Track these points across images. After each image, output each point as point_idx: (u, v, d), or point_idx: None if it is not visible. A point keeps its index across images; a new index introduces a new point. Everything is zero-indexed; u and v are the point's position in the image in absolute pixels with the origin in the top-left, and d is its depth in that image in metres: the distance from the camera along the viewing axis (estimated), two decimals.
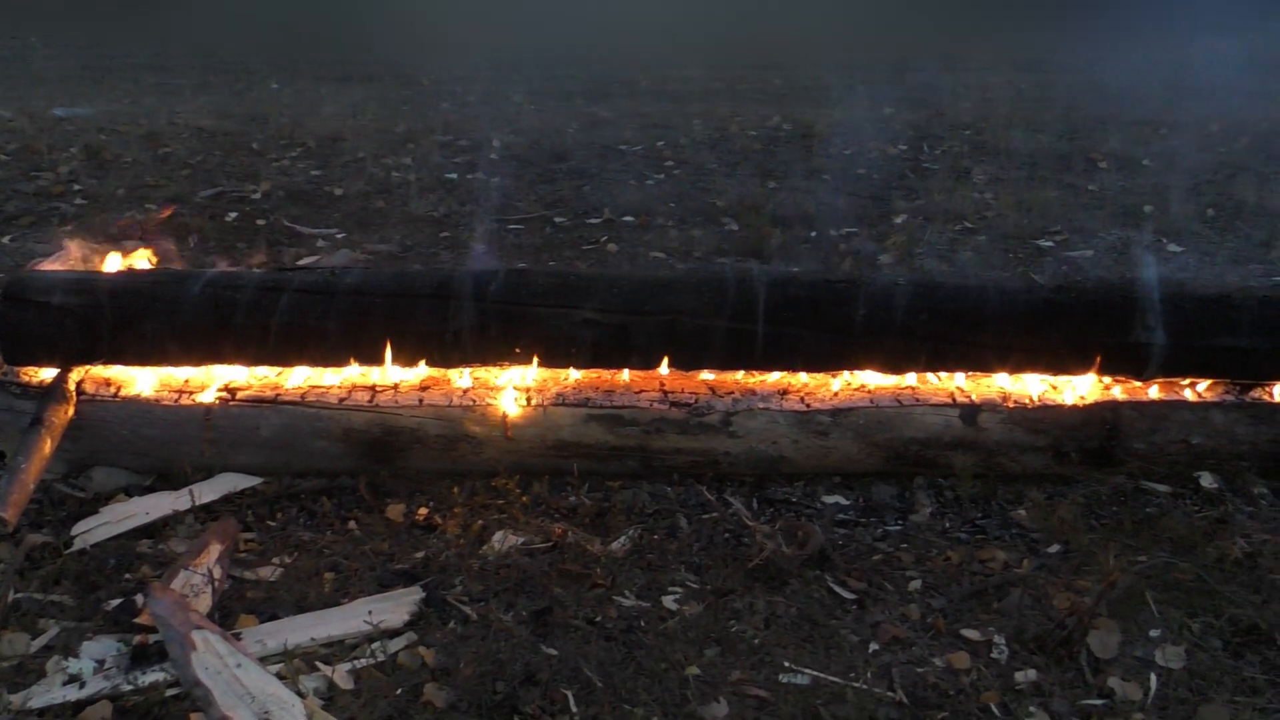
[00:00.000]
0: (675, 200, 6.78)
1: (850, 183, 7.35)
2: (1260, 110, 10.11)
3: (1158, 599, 2.68)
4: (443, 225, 6.22)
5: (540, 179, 7.41)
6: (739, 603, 2.69)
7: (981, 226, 6.25)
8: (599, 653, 2.50)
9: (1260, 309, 3.15)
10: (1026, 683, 2.43)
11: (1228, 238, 6.07)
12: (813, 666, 2.47)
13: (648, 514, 3.07)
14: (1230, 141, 8.77)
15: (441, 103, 10.77)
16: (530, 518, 3.02)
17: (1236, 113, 9.82)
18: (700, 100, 11.28)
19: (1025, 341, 3.18)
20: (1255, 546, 2.88)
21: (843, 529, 3.03)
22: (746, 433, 3.15)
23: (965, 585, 2.78)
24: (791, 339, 3.16)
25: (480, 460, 3.16)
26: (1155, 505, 3.12)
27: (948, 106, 10.84)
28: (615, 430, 3.14)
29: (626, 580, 2.77)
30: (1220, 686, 2.42)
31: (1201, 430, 3.18)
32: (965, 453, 3.17)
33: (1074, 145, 8.67)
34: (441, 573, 2.78)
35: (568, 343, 3.15)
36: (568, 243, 5.88)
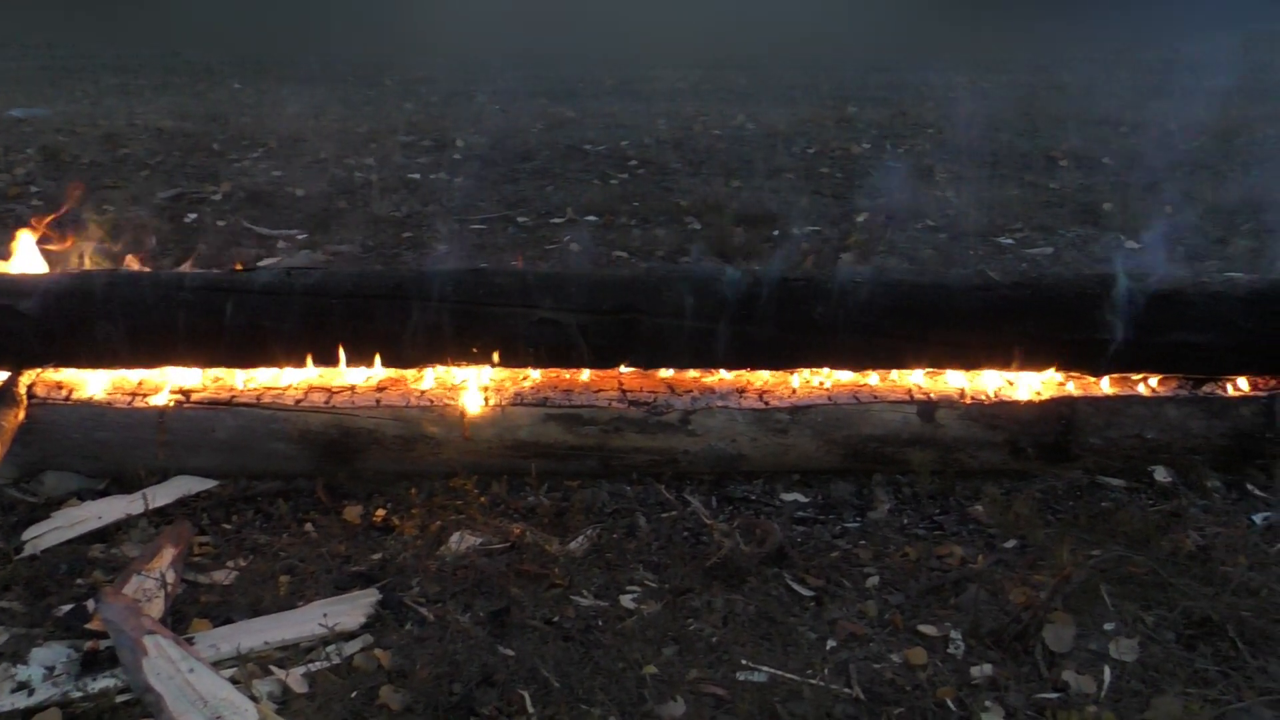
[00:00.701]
0: (639, 199, 6.79)
1: (813, 181, 7.38)
2: (1218, 109, 10.22)
3: (1112, 592, 2.70)
4: (405, 226, 6.19)
5: (504, 179, 7.40)
6: (697, 601, 2.68)
7: (943, 224, 6.28)
8: (556, 653, 2.49)
9: (1212, 304, 3.18)
10: (982, 677, 2.44)
11: (1186, 234, 6.12)
12: (770, 664, 2.47)
13: (607, 513, 3.06)
14: (1188, 139, 8.86)
15: (405, 103, 10.73)
16: (489, 518, 3.01)
17: (1195, 112, 9.93)
18: (665, 100, 11.30)
19: (982, 338, 3.20)
20: (1208, 539, 2.90)
21: (801, 526, 3.03)
22: (705, 431, 3.15)
23: (923, 581, 2.78)
24: (750, 337, 3.16)
25: (438, 461, 3.14)
26: (1110, 499, 3.15)
27: (912, 105, 10.90)
28: (574, 430, 3.13)
29: (585, 580, 2.76)
30: (1173, 678, 2.44)
31: (1156, 425, 3.21)
32: (923, 449, 3.19)
33: (1035, 144, 8.74)
34: (398, 574, 2.76)
35: (525, 342, 3.14)
36: (530, 242, 5.87)
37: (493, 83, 12.32)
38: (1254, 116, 9.79)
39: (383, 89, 11.81)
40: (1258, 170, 7.47)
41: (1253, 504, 3.13)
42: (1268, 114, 9.78)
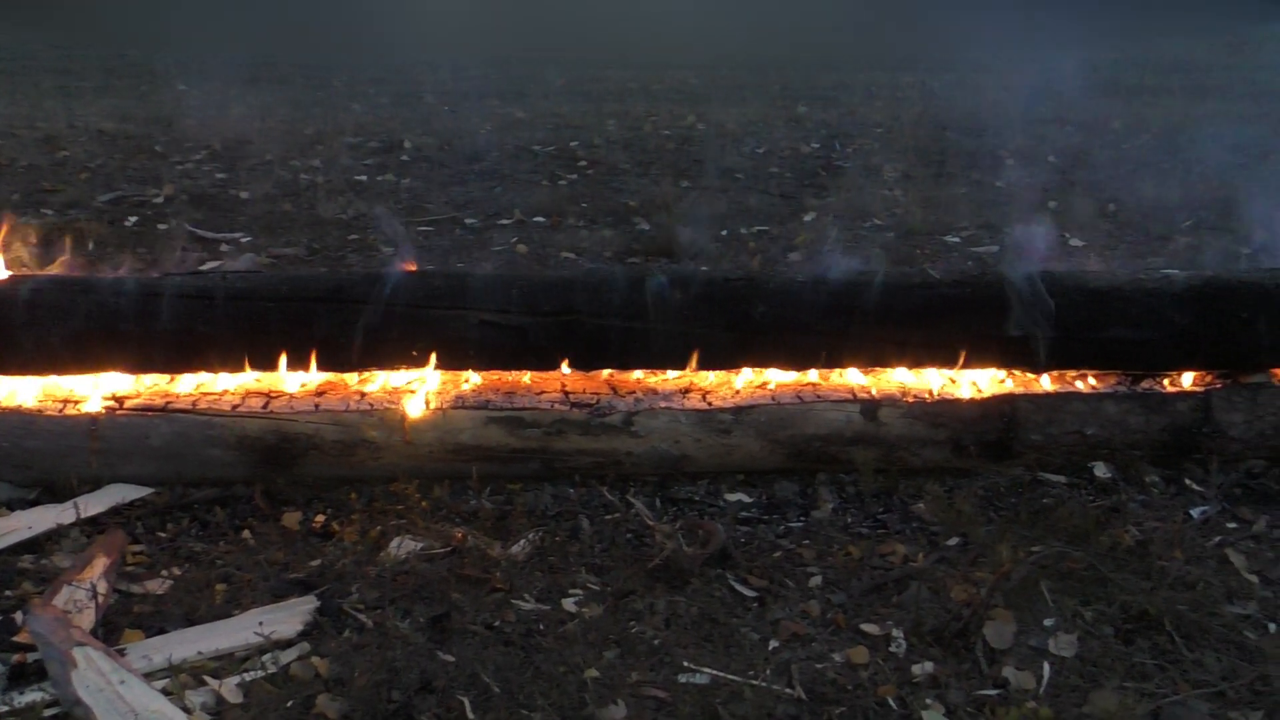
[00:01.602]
0: (587, 200, 6.77)
1: (762, 181, 7.39)
2: (1161, 108, 10.37)
3: (1052, 588, 2.72)
4: (351, 228, 6.13)
5: (452, 180, 7.35)
6: (639, 603, 2.67)
7: (890, 223, 6.31)
8: (497, 658, 2.47)
9: (1149, 300, 3.21)
10: (923, 675, 2.44)
11: (1128, 231, 6.20)
12: (712, 665, 2.46)
13: (550, 516, 3.04)
14: (1132, 138, 8.98)
15: (353, 104, 10.65)
16: (430, 523, 2.97)
17: (1140, 110, 10.07)
18: (616, 100, 11.28)
19: (923, 336, 3.21)
20: (1146, 534, 2.93)
21: (745, 527, 3.03)
22: (649, 432, 3.14)
23: (865, 580, 2.79)
24: (692, 337, 3.16)
25: (379, 465, 3.11)
26: (1052, 496, 3.16)
27: (861, 105, 10.96)
28: (516, 432, 3.11)
29: (526, 584, 2.74)
30: (1111, 672, 2.45)
31: (1095, 421, 3.24)
32: (866, 448, 3.19)
33: (982, 142, 8.80)
34: (338, 581, 2.72)
35: (465, 345, 3.12)
36: (477, 244, 5.83)
37: (443, 84, 12.25)
38: (1197, 115, 9.93)
39: (331, 90, 11.71)
40: (1199, 168, 7.57)
41: (1190, 498, 3.16)
42: (1210, 112, 9.92)
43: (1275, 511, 3.10)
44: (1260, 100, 10.68)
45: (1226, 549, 2.91)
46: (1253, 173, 7.09)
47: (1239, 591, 2.74)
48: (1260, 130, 8.89)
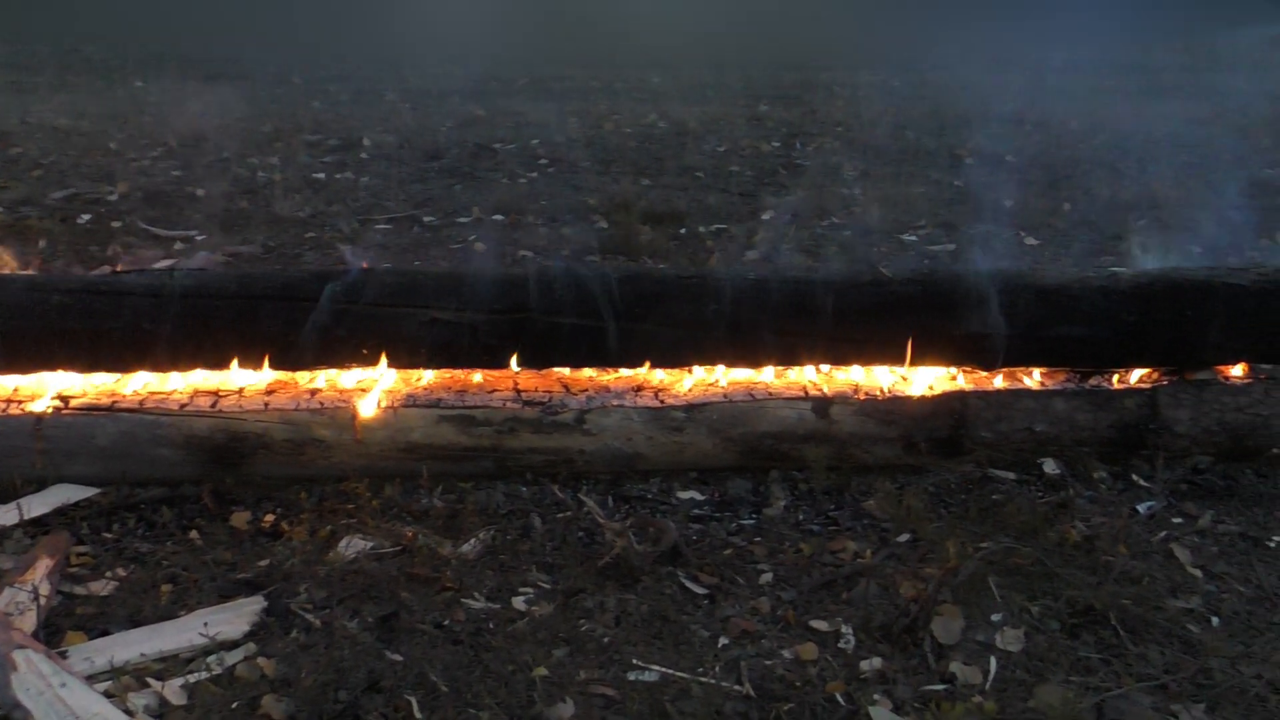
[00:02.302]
0: (547, 198, 6.75)
1: (722, 179, 7.40)
2: (1119, 108, 10.47)
3: (1000, 584, 2.74)
4: (308, 226, 6.08)
5: (411, 178, 7.31)
6: (590, 601, 2.67)
7: (849, 222, 6.33)
8: (445, 657, 2.46)
9: (1097, 298, 3.24)
10: (871, 671, 2.45)
11: (1083, 230, 6.25)
12: (662, 663, 2.47)
13: (501, 515, 3.03)
14: (1088, 137, 9.06)
15: (313, 101, 10.56)
16: (381, 522, 2.96)
17: (1097, 110, 10.15)
18: (578, 98, 11.26)
19: (875, 334, 3.23)
20: (1093, 529, 2.96)
21: (697, 524, 3.03)
22: (601, 430, 3.13)
23: (816, 577, 2.80)
24: (645, 335, 3.16)
25: (330, 464, 3.09)
26: (1001, 492, 3.19)
27: (822, 104, 11.00)
28: (468, 431, 3.10)
29: (477, 582, 2.73)
30: (1056, 667, 2.48)
31: (1044, 418, 3.26)
32: (818, 445, 3.20)
33: (941, 142, 8.85)
34: (286, 581, 2.71)
35: (417, 343, 3.10)
36: (435, 242, 5.81)
37: (404, 81, 12.19)
38: (1151, 115, 10.02)
39: (291, 87, 11.61)
40: (1153, 167, 7.65)
41: (1137, 494, 3.20)
42: (1165, 113, 10.02)
43: (1220, 506, 3.14)
44: (1213, 100, 10.81)
45: (1172, 544, 2.95)
46: (1202, 172, 7.18)
47: (1183, 586, 2.78)
48: (1211, 130, 9.00)
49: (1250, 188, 6.95)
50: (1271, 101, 10.56)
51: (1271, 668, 2.46)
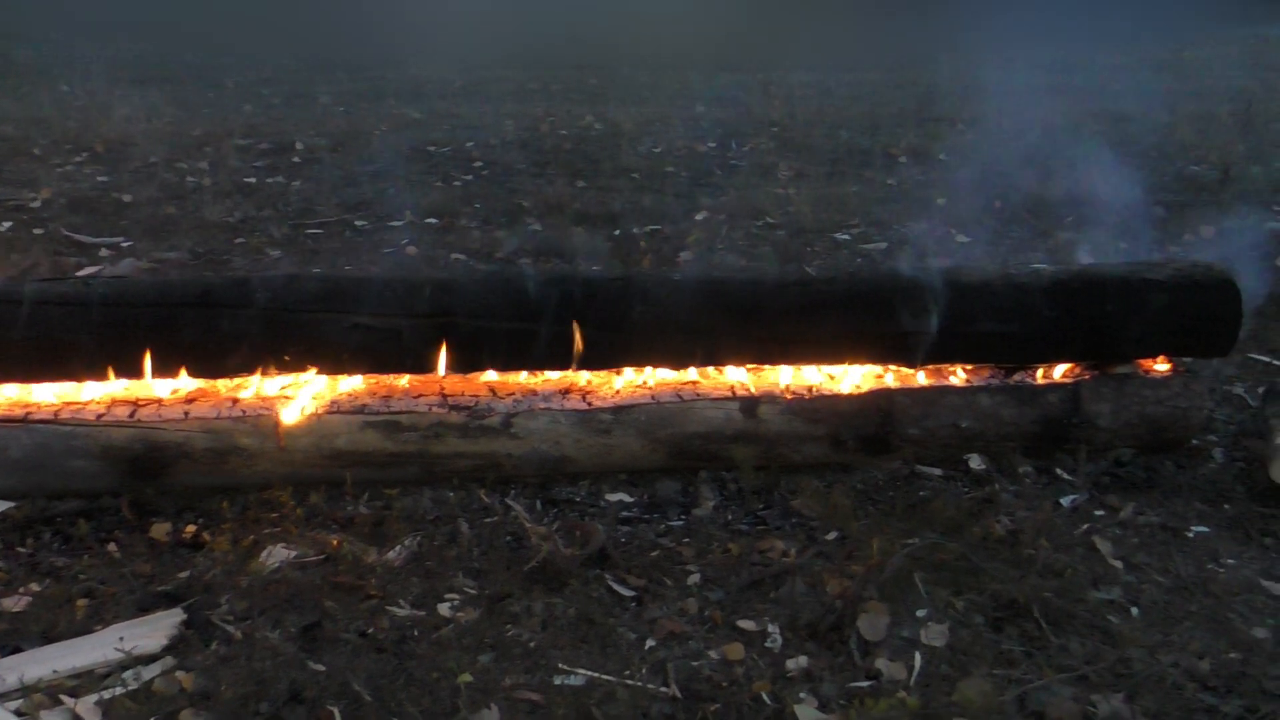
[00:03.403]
0: (481, 201, 6.72)
1: (657, 180, 7.40)
2: (1050, 106, 10.59)
3: (926, 579, 2.76)
4: (238, 231, 6.00)
5: (344, 182, 7.23)
6: (516, 606, 2.65)
7: (782, 222, 6.36)
8: (369, 665, 2.43)
9: (1019, 294, 3.28)
10: (798, 669, 2.46)
11: (1013, 227, 6.33)
12: (588, 666, 2.46)
13: (428, 521, 3.01)
14: (1020, 136, 9.16)
15: (245, 105, 10.43)
16: (305, 530, 2.92)
17: (1028, 109, 10.27)
18: (515, 100, 11.22)
19: (801, 333, 3.24)
20: (1017, 524, 2.99)
21: (626, 526, 3.02)
22: (528, 434, 3.12)
23: (744, 576, 2.80)
24: (571, 337, 3.14)
25: (253, 473, 3.04)
26: (928, 488, 3.22)
27: (758, 104, 11.04)
28: (394, 436, 3.07)
29: (402, 589, 2.70)
30: (980, 660, 2.50)
31: (970, 414, 3.29)
32: (747, 445, 3.21)
33: (875, 141, 8.92)
34: (206, 592, 2.66)
35: (340, 349, 3.06)
36: (367, 246, 5.75)
37: (338, 84, 12.08)
38: (1083, 114, 10.17)
39: (222, 91, 11.46)
40: (1082, 165, 7.76)
41: (1061, 488, 3.24)
42: (1094, 112, 10.17)
43: (1141, 498, 3.19)
44: (1141, 99, 10.99)
45: (1094, 536, 2.99)
46: (1130, 169, 7.30)
47: (1104, 577, 2.81)
48: (1139, 128, 9.15)
49: (1175, 184, 7.09)
50: (1199, 100, 10.75)
51: (1188, 656, 2.50)
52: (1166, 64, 14.39)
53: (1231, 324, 3.32)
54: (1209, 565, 2.88)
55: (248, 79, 12.30)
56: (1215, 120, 9.61)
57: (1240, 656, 2.51)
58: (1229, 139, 8.58)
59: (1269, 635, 2.58)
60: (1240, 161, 7.87)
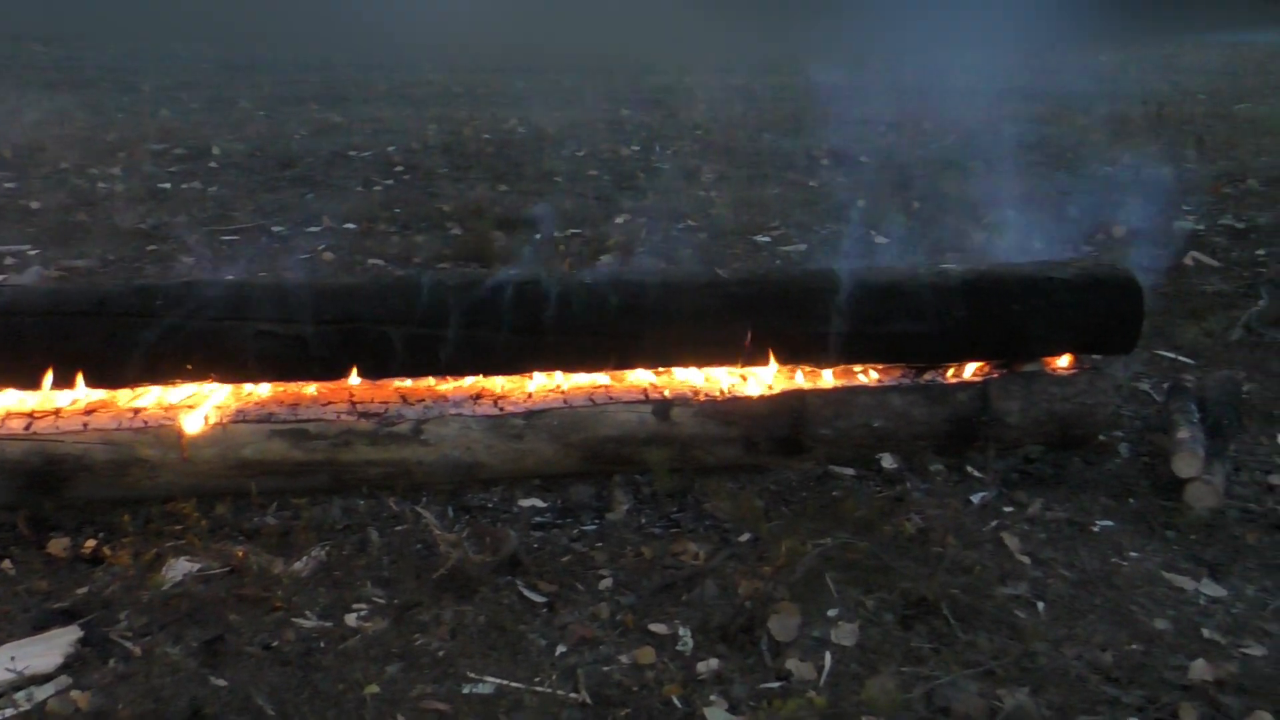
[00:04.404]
0: (401, 206, 6.65)
1: (580, 184, 7.39)
2: (970, 109, 10.75)
3: (837, 579, 2.77)
4: (151, 238, 5.88)
5: (262, 187, 7.14)
6: (425, 615, 2.62)
7: (704, 224, 6.38)
8: (273, 679, 2.39)
9: (928, 294, 3.31)
10: (709, 672, 2.46)
11: (931, 228, 6.40)
12: (498, 674, 2.44)
13: (337, 530, 2.96)
14: (940, 138, 9.29)
15: (161, 109, 10.23)
16: (210, 542, 2.86)
17: (948, 111, 10.42)
18: (438, 104, 11.14)
19: (713, 335, 3.24)
20: (928, 521, 3.01)
21: (539, 532, 3.00)
22: (439, 440, 3.08)
23: (656, 580, 2.79)
24: (481, 342, 3.11)
25: (156, 485, 2.98)
26: (841, 488, 3.23)
27: (682, 107, 11.07)
28: (301, 445, 3.02)
29: (309, 601, 2.66)
30: (889, 658, 2.51)
31: (882, 413, 3.32)
32: (660, 448, 3.20)
33: (799, 143, 8.98)
34: (105, 608, 2.60)
35: (244, 357, 3.01)
36: (283, 252, 5.66)
37: (258, 88, 11.91)
38: (1000, 116, 10.33)
39: (138, 95, 11.24)
40: (1000, 166, 7.88)
41: (971, 485, 3.27)
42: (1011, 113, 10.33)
43: (1049, 494, 3.23)
44: (1058, 102, 11.20)
45: (1003, 532, 3.02)
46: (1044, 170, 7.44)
47: (1012, 573, 2.85)
48: (1055, 130, 9.32)
49: (1089, 184, 7.23)
50: (1112, 102, 10.97)
51: (1092, 649, 2.54)
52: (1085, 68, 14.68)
53: (1134, 322, 3.39)
54: (1113, 559, 2.92)
55: (165, 83, 12.08)
56: (1128, 122, 9.82)
57: (1142, 648, 2.55)
58: (1141, 140, 8.76)
59: (1169, 626, 2.63)
60: (1152, 162, 8.04)
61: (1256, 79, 14.56)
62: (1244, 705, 2.35)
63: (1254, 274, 5.48)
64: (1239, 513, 3.15)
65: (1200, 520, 3.08)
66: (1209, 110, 11.25)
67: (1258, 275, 5.45)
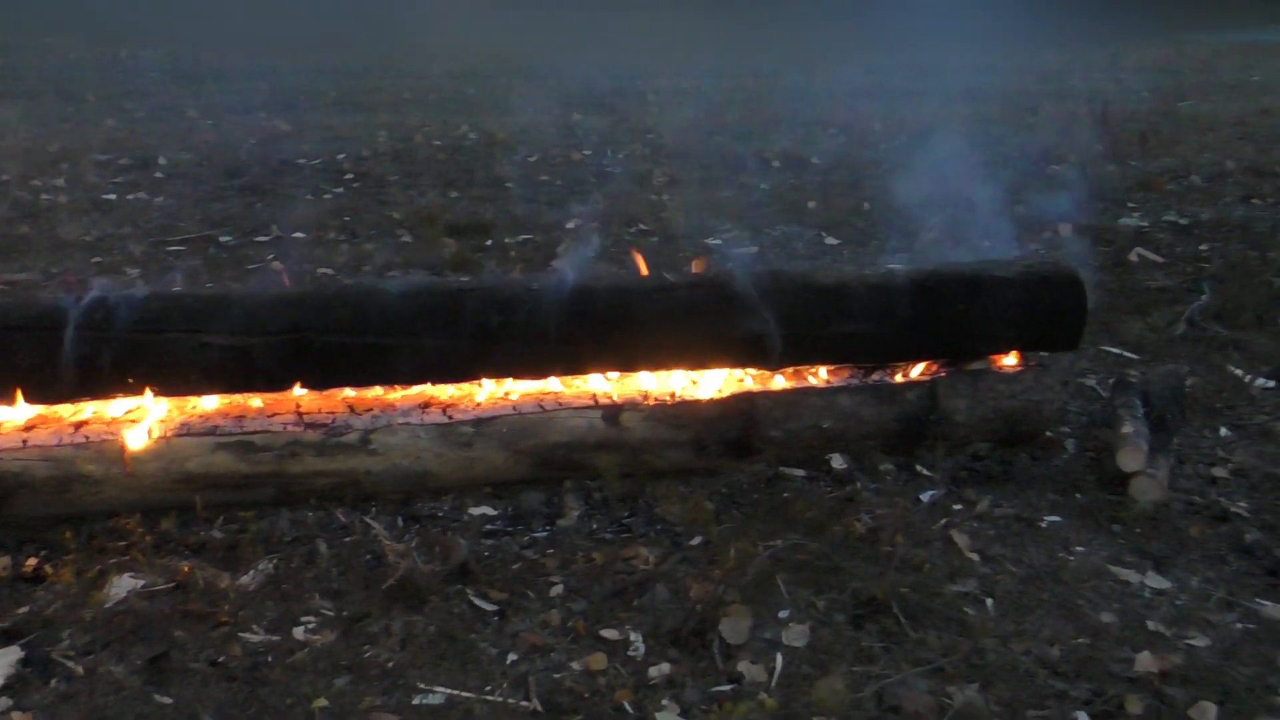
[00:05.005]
0: (350, 214, 6.61)
1: (532, 189, 7.37)
2: (920, 110, 10.84)
3: (788, 580, 2.77)
4: (95, 250, 5.80)
5: (209, 197, 7.07)
6: (375, 626, 2.60)
7: (656, 228, 6.39)
8: (219, 695, 2.36)
9: (874, 295, 3.32)
10: (660, 676, 2.45)
11: (881, 228, 6.45)
12: (448, 684, 2.42)
13: (285, 542, 2.93)
14: (890, 139, 9.36)
15: (106, 119, 10.11)
16: (155, 558, 2.82)
17: (899, 113, 10.51)
18: (389, 111, 11.09)
19: (661, 339, 3.24)
20: (877, 521, 3.03)
21: (489, 539, 2.98)
22: (388, 450, 3.06)
23: (607, 585, 2.78)
24: (428, 350, 3.09)
25: (99, 500, 2.93)
26: (791, 489, 3.24)
27: (634, 111, 11.08)
28: (247, 457, 2.98)
29: (256, 615, 2.63)
30: (840, 658, 2.52)
31: (831, 414, 3.33)
32: (610, 453, 3.19)
33: (750, 146, 9.01)
34: (47, 627, 2.55)
35: (188, 369, 2.97)
36: (231, 262, 5.61)
37: (206, 96, 11.79)
38: (952, 117, 10.42)
39: (83, 105, 11.10)
40: (949, 167, 7.94)
41: (920, 484, 3.29)
42: (961, 114, 10.43)
43: (997, 491, 3.26)
44: (1006, 102, 11.32)
45: (951, 530, 3.04)
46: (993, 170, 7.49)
47: (961, 570, 2.86)
48: (1003, 130, 9.41)
49: (1035, 184, 7.29)
50: (1056, 101, 11.11)
51: (1040, 643, 2.56)
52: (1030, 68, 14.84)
53: (1078, 318, 3.42)
54: (1060, 554, 2.95)
55: (111, 92, 11.94)
56: (1075, 121, 9.94)
57: (1088, 641, 2.58)
58: (1087, 139, 8.87)
59: (1115, 619, 2.66)
60: (1097, 160, 8.15)
61: (1199, 77, 14.81)
62: (1188, 696, 2.38)
63: (1197, 269, 5.57)
64: (1183, 505, 3.19)
65: (1145, 514, 3.12)
66: (1153, 108, 11.42)
67: (1200, 270, 5.53)
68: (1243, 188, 7.52)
